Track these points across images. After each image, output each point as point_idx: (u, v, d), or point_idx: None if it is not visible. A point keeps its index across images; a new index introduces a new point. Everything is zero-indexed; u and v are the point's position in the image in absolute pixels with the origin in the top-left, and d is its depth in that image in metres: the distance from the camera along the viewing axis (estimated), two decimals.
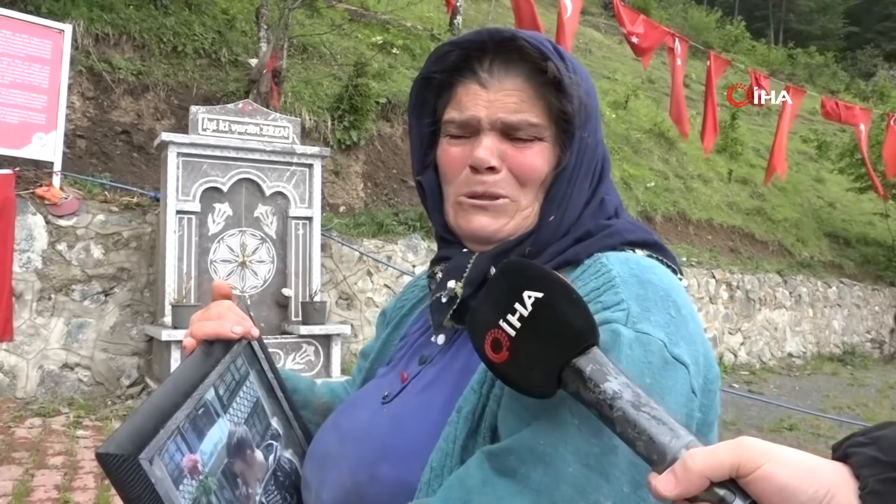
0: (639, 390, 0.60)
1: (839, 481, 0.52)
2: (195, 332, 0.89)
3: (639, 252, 0.83)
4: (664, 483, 0.54)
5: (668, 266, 0.83)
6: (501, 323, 0.65)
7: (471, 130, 0.86)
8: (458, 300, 0.86)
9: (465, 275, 0.86)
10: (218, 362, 0.86)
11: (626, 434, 0.59)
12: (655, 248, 0.85)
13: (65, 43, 6.36)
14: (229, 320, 0.90)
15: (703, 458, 0.53)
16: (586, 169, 0.85)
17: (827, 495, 0.51)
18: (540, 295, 0.63)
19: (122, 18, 7.50)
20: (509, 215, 0.85)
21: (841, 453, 0.55)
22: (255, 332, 0.94)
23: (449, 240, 0.92)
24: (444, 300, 0.87)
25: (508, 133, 0.84)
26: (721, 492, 0.53)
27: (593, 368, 0.61)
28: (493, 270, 0.83)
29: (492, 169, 0.84)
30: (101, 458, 0.67)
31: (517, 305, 0.64)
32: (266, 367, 0.97)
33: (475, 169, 0.85)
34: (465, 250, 0.89)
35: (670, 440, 0.57)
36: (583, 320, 0.62)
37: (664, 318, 0.72)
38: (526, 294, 0.64)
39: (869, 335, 13.38)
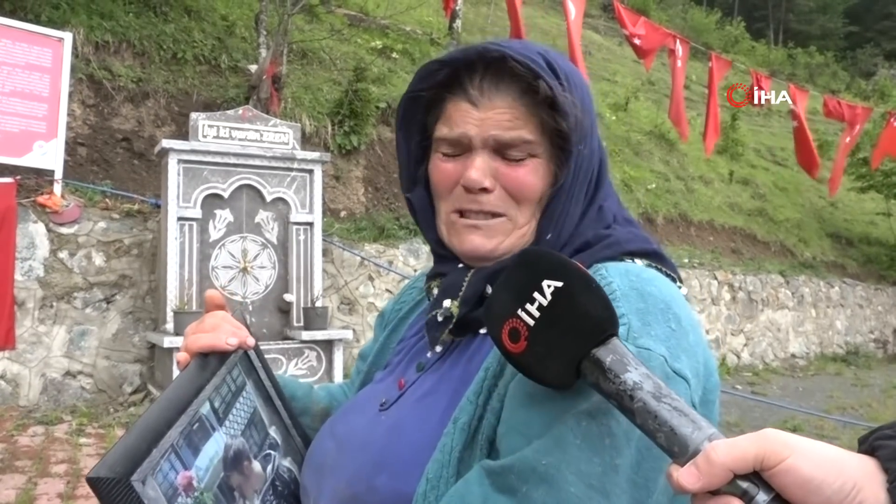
0: (660, 381, 0.59)
1: (866, 474, 0.51)
2: (189, 346, 0.88)
3: (638, 262, 0.82)
4: (686, 476, 0.53)
5: (668, 275, 0.83)
6: (520, 312, 0.64)
7: (462, 148, 0.85)
8: (455, 319, 0.85)
9: (460, 293, 0.85)
10: (213, 375, 0.85)
11: (647, 425, 0.58)
12: (655, 258, 0.84)
13: (65, 51, 6.36)
14: (224, 331, 0.89)
15: (726, 451, 0.52)
16: (583, 181, 0.85)
17: (854, 489, 0.50)
18: (560, 284, 0.63)
19: (121, 26, 7.51)
20: (504, 234, 0.85)
21: (868, 446, 0.54)
22: (251, 341, 0.93)
23: (444, 255, 0.91)
24: (440, 319, 0.87)
25: (501, 151, 0.83)
26: (744, 484, 0.52)
27: (613, 359, 0.60)
28: (489, 289, 0.82)
29: (485, 189, 0.83)
30: (92, 482, 0.66)
31: (536, 295, 0.63)
32: (263, 375, 0.96)
33: (469, 189, 0.84)
34: (460, 266, 0.88)
35: (692, 432, 0.55)
36: (603, 310, 0.62)
37: (665, 331, 0.72)
38: (545, 283, 0.63)
39: (872, 335, 13.36)
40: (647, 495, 0.66)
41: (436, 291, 0.90)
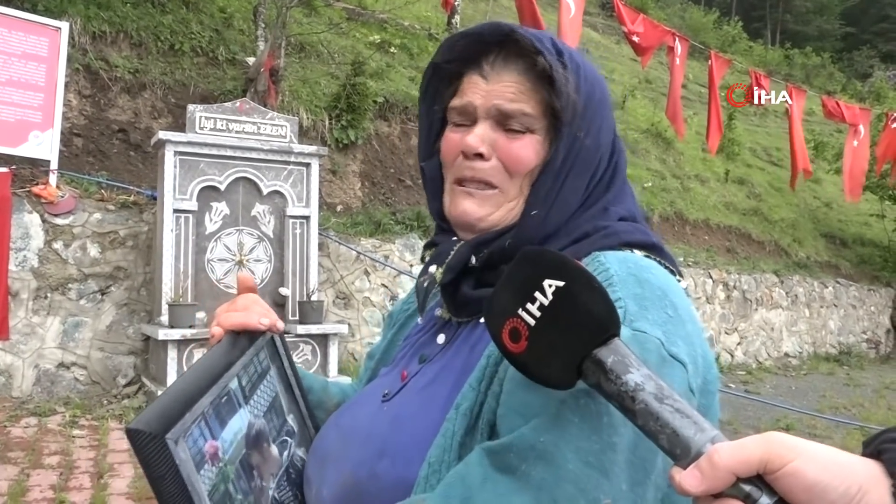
0: (662, 383, 0.58)
1: (871, 478, 0.51)
2: (222, 321, 0.92)
3: (637, 253, 0.82)
4: (689, 479, 0.53)
5: (667, 268, 0.83)
6: (520, 312, 0.63)
7: (469, 118, 0.89)
8: (437, 285, 0.88)
9: (447, 261, 0.88)
10: (243, 353, 0.88)
11: (649, 427, 0.57)
12: (654, 250, 0.85)
13: (62, 41, 6.32)
14: (256, 312, 0.93)
15: (730, 454, 0.51)
16: (580, 169, 0.85)
17: (859, 493, 0.50)
18: (561, 284, 0.62)
19: (119, 16, 7.47)
20: (495, 205, 0.86)
21: (873, 449, 0.53)
22: (281, 325, 0.97)
23: (443, 227, 0.94)
24: (425, 284, 0.91)
25: (503, 122, 0.86)
26: (747, 488, 0.51)
27: (615, 360, 0.60)
28: (473, 259, 0.86)
29: (481, 156, 0.86)
30: (130, 434, 0.69)
31: (537, 294, 0.63)
32: (286, 363, 0.99)
33: (466, 155, 0.87)
34: (454, 238, 0.90)
35: (694, 434, 0.55)
36: (604, 310, 0.61)
37: (661, 316, 0.72)
38: (546, 282, 0.62)
39: (865, 335, 13.40)
40: (644, 476, 0.66)
41: (427, 259, 0.94)
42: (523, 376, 0.69)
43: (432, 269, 0.90)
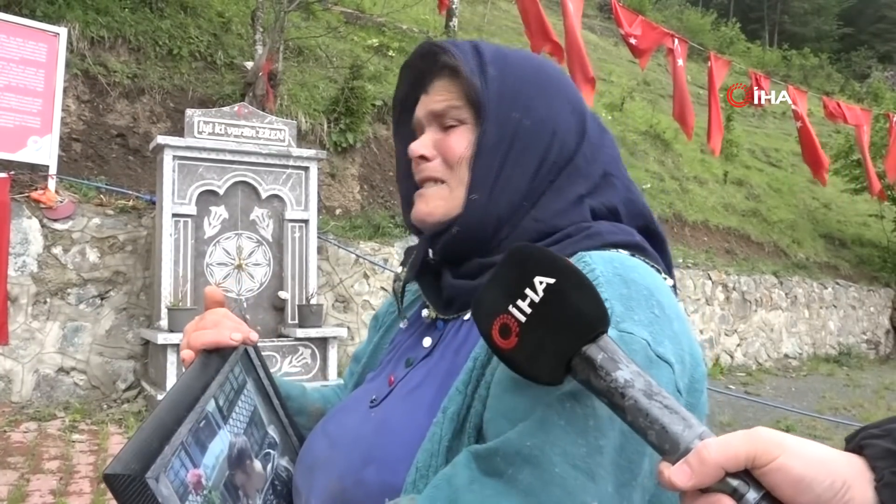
0: (651, 379, 0.59)
1: (854, 473, 0.52)
2: (193, 342, 0.89)
3: (622, 252, 0.82)
4: (678, 474, 0.53)
5: (653, 267, 0.83)
6: (511, 309, 0.64)
7: (422, 131, 0.95)
8: (403, 284, 0.94)
9: (409, 261, 0.93)
10: (217, 372, 0.86)
11: (638, 423, 0.58)
12: (638, 249, 0.84)
13: (60, 46, 6.33)
14: (227, 327, 0.90)
15: (718, 449, 0.52)
16: (523, 150, 0.86)
17: (843, 487, 0.51)
18: (551, 281, 0.62)
19: (117, 21, 7.48)
20: (441, 198, 0.90)
21: (855, 445, 0.54)
22: (255, 336, 0.94)
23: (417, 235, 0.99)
24: (396, 286, 0.97)
25: (441, 123, 0.91)
26: (735, 482, 0.52)
27: (604, 357, 0.60)
28: (430, 253, 0.91)
29: (423, 158, 0.91)
30: (108, 479, 0.67)
31: (528, 291, 0.63)
32: (262, 374, 0.97)
33: (413, 159, 0.94)
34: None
35: (683, 430, 0.56)
36: (594, 308, 0.62)
37: (648, 316, 0.72)
38: (537, 280, 0.63)
39: (864, 336, 13.40)
40: (631, 478, 0.67)
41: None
42: (510, 380, 0.70)
43: (398, 269, 0.95)
